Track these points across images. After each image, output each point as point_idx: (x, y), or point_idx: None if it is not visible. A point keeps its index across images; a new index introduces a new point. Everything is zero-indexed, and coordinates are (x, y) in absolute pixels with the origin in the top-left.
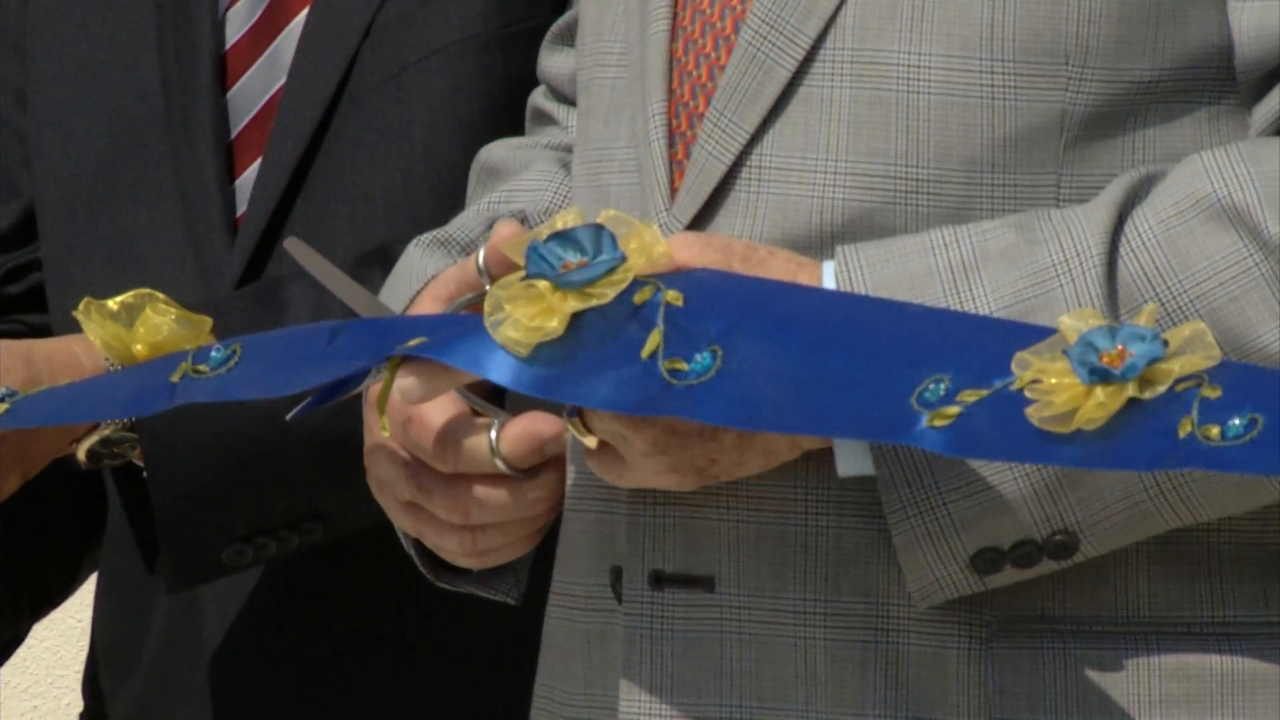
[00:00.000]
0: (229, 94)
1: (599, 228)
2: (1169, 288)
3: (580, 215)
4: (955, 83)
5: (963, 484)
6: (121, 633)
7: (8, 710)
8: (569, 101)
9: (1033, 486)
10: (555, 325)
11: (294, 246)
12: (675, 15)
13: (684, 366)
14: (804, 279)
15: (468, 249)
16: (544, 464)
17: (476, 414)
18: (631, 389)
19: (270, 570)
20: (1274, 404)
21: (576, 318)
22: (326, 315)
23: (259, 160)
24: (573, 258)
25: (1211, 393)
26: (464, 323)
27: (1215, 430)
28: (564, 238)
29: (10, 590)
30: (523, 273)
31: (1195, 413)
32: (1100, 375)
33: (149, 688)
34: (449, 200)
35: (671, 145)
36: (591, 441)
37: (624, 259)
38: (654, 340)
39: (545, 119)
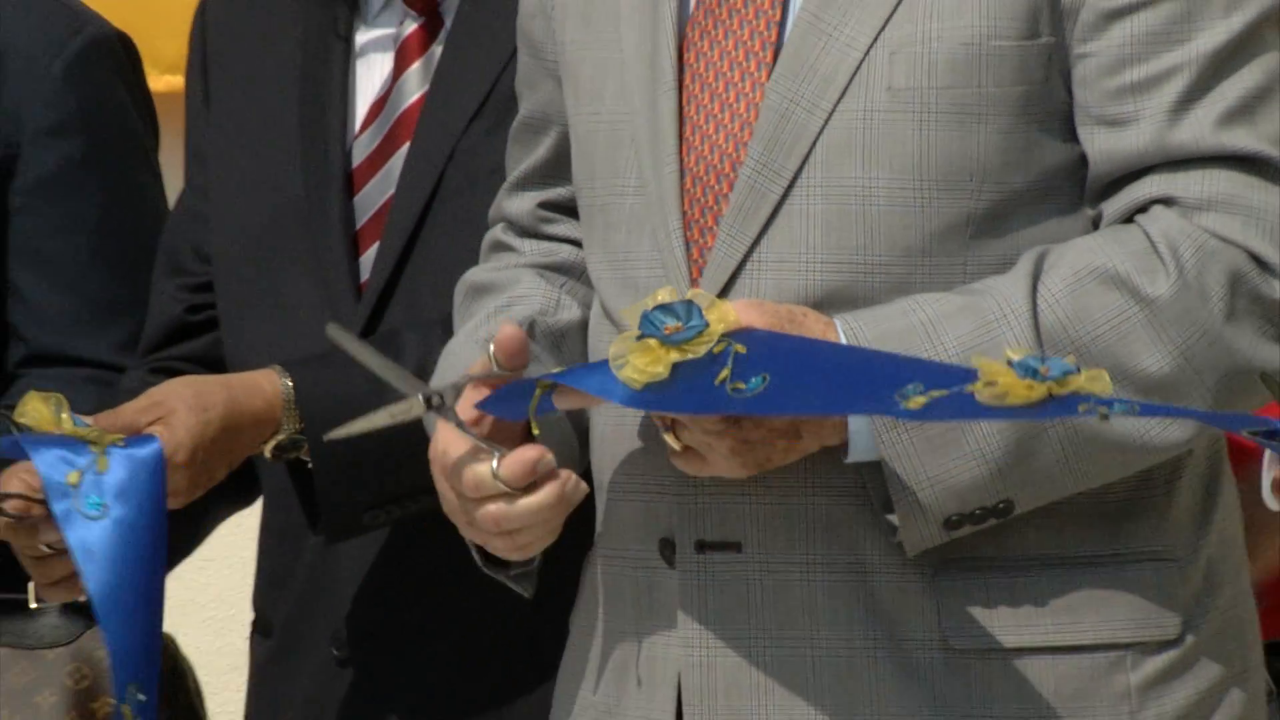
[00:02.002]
0: (355, 198)
1: (689, 302)
2: (1077, 330)
3: (674, 292)
4: (896, 197)
5: (942, 471)
6: (280, 563)
7: (192, 618)
8: (527, 235)
9: (988, 470)
10: (661, 370)
11: (334, 332)
12: (682, 160)
13: (743, 386)
14: (831, 335)
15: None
16: (542, 479)
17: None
18: (706, 401)
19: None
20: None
21: (674, 364)
22: (430, 354)
23: (377, 244)
24: (671, 322)
25: (1102, 394)
26: (593, 366)
27: (1103, 410)
28: (666, 309)
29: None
30: (637, 332)
31: (1091, 402)
32: (1032, 374)
33: (300, 601)
34: None
35: (688, 249)
36: (678, 445)
37: (708, 324)
38: (724, 373)
39: (505, 249)
